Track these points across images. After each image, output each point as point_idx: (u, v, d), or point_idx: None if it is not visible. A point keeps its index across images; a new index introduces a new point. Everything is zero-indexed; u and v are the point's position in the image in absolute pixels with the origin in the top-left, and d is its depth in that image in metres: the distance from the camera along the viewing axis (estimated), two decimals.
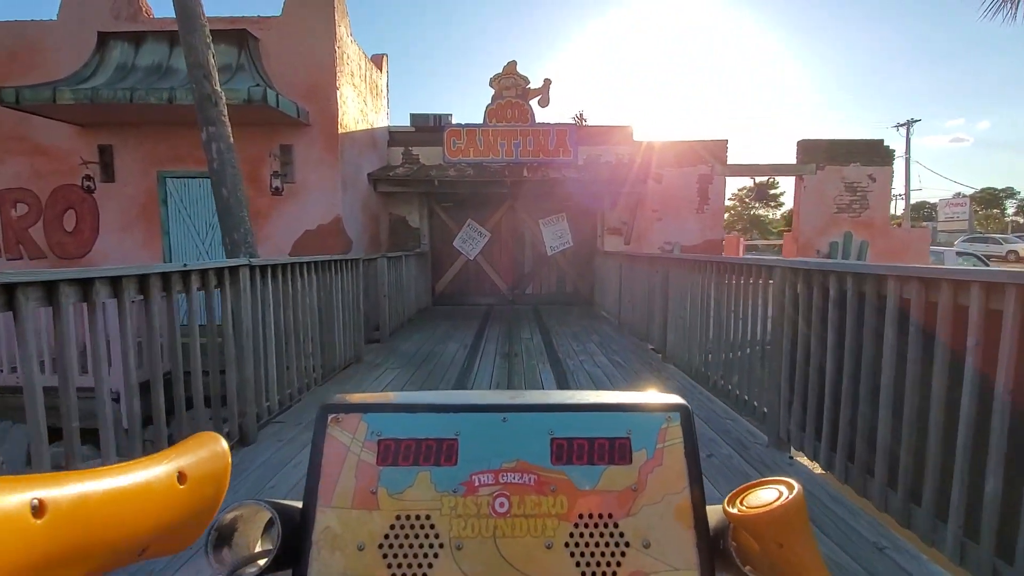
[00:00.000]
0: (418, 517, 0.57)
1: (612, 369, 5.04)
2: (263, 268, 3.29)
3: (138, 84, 6.46)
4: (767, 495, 0.50)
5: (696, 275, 4.47)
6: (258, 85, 6.24)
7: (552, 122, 9.59)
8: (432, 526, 0.57)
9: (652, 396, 0.66)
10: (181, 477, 0.43)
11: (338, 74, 7.21)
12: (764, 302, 3.27)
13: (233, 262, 2.94)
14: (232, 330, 2.95)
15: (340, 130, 7.27)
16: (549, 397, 0.67)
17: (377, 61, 9.52)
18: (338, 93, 7.19)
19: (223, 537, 0.52)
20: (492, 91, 9.50)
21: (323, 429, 0.61)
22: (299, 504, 0.59)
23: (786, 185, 28.77)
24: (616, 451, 0.61)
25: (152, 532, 0.40)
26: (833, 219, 9.73)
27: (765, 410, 3.17)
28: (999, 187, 47.19)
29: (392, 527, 0.57)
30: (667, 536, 0.57)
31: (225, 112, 4.51)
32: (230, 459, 0.50)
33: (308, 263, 4.04)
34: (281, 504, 0.57)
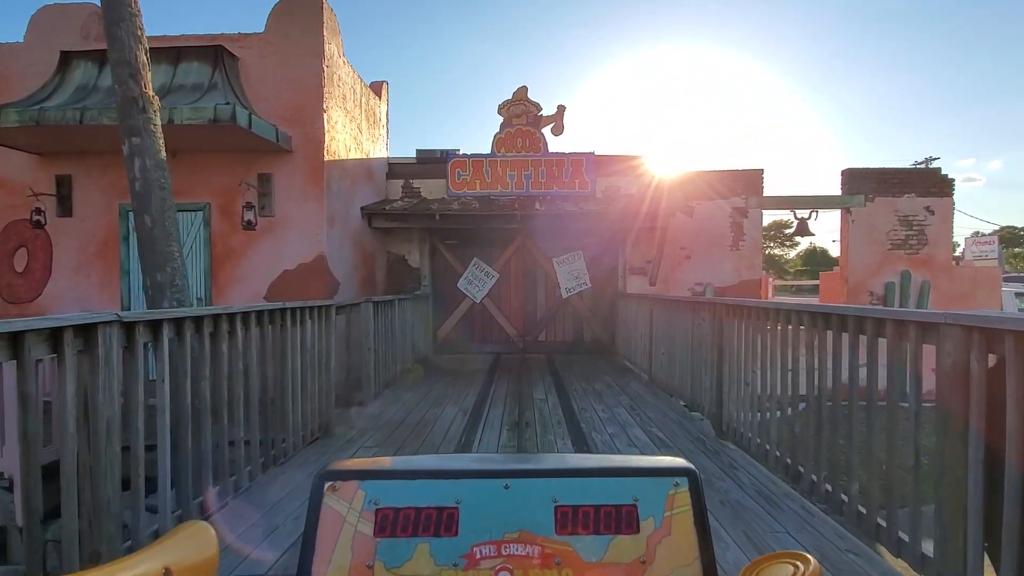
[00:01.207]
0: None
1: (654, 449, 3.84)
2: (153, 325, 2.23)
3: (96, 105, 5.66)
4: (783, 571, 0.48)
5: (763, 323, 3.34)
6: (227, 103, 5.40)
7: (567, 151, 8.70)
8: None
9: (658, 460, 0.65)
10: (167, 573, 0.43)
11: (326, 96, 6.39)
12: (916, 375, 2.12)
13: (86, 318, 1.89)
14: (75, 423, 1.86)
15: (327, 157, 6.39)
16: (552, 461, 0.71)
17: (376, 88, 8.79)
18: (325, 117, 6.36)
19: None
20: (500, 119, 8.69)
21: (319, 498, 0.60)
22: None
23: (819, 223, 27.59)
24: (623, 519, 0.59)
25: None
26: (887, 256, 8.57)
27: (929, 552, 1.97)
28: (1018, 225, 45.74)
29: None
30: None
31: (157, 122, 3.61)
32: (218, 548, 0.50)
33: (244, 313, 2.99)
34: None
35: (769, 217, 8.67)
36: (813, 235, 8.63)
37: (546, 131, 8.68)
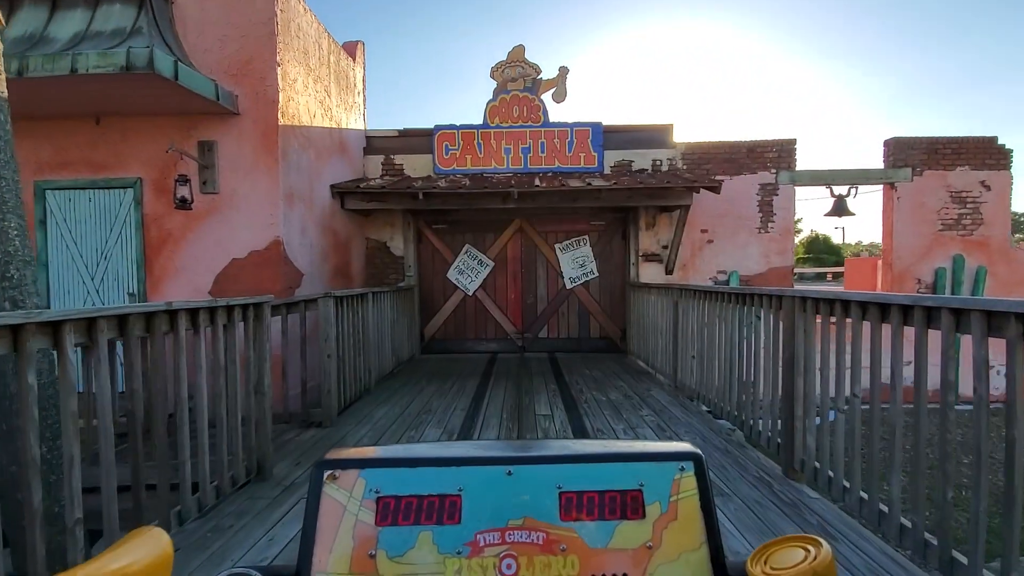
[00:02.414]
0: None
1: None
2: None
3: None
4: (794, 555, 0.47)
5: (869, 324, 2.27)
6: (147, 47, 4.27)
7: (570, 121, 7.58)
8: None
9: (663, 445, 0.64)
10: None
11: (280, 47, 5.25)
12: None
13: None
14: None
15: (283, 121, 5.27)
16: (556, 447, 0.68)
17: (350, 49, 7.63)
18: (279, 72, 5.22)
19: None
20: (494, 84, 7.55)
21: (318, 488, 0.59)
22: (293, 568, 0.57)
23: (813, 208, 26.49)
24: (628, 504, 0.59)
25: None
26: (937, 239, 7.50)
27: None
28: None
29: None
30: None
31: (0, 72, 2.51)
32: (172, 553, 0.48)
33: (113, 316, 1.90)
34: (274, 569, 0.55)
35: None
36: (852, 215, 7.55)
37: (546, 98, 7.55)
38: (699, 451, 0.62)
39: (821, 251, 42.97)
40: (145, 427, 2.24)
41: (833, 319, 2.68)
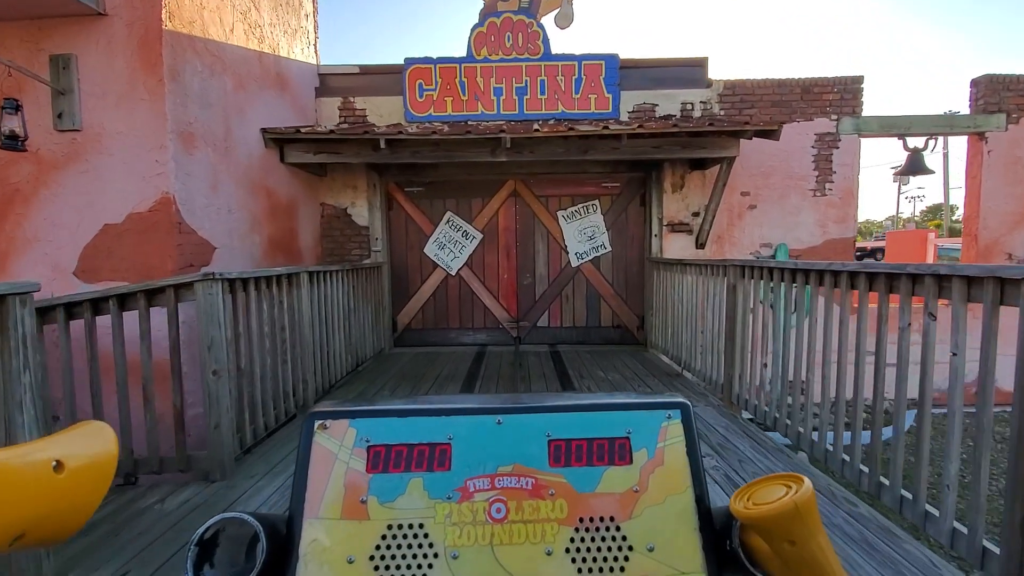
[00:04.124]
0: (411, 526, 0.56)
1: None
2: None
3: None
4: (775, 491, 0.48)
5: None
6: None
7: (578, 53, 5.97)
8: (426, 535, 0.56)
9: (651, 395, 0.65)
10: (59, 466, 0.42)
11: None
12: None
13: None
14: None
15: (171, 26, 3.66)
16: (546, 399, 0.65)
17: None
18: None
19: (204, 553, 0.50)
20: (481, 4, 5.91)
21: (309, 437, 0.60)
22: (285, 515, 0.57)
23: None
24: (616, 451, 0.60)
25: (26, 520, 0.39)
26: None
27: None
28: None
29: (384, 538, 0.56)
30: (672, 539, 0.56)
31: None
32: (117, 450, 0.48)
33: None
34: (265, 516, 0.55)
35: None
36: (931, 172, 6.04)
37: (547, 22, 5.92)
38: (686, 400, 0.63)
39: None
40: None
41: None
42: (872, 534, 2.06)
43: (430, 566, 0.54)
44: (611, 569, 0.54)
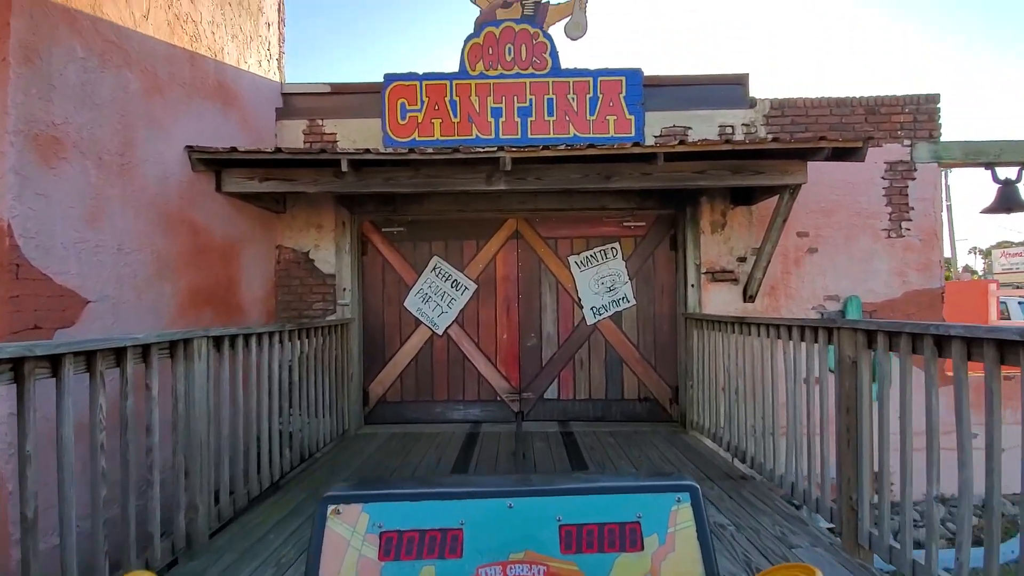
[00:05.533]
0: None
1: None
2: None
3: None
4: None
5: None
6: None
7: (592, 68, 4.97)
8: None
9: (659, 477, 0.67)
10: None
11: None
12: None
13: None
14: None
15: None
16: (555, 481, 0.71)
17: None
18: None
19: None
20: (476, 11, 4.97)
21: (323, 522, 0.61)
22: None
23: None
24: (627, 536, 0.61)
25: None
26: None
27: None
28: None
29: None
30: None
31: None
32: None
33: None
34: None
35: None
36: None
37: (556, 31, 4.96)
38: (694, 482, 0.63)
39: None
40: None
41: None
42: None
43: None
44: None
